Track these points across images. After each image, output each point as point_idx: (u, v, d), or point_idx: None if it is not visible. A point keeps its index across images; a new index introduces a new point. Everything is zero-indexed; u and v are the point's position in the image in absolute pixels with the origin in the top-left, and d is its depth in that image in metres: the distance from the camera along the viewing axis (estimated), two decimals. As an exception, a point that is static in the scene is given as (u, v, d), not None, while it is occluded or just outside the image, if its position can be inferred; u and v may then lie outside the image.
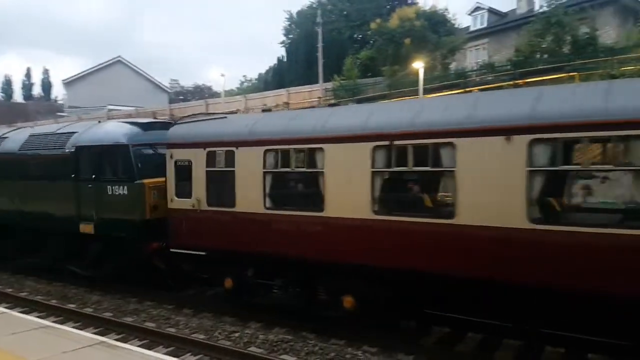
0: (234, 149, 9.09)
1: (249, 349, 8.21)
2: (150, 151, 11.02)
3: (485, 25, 38.23)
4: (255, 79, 60.02)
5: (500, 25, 37.22)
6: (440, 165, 7.20)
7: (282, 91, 36.19)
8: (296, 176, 9.15)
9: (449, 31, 35.33)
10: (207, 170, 9.47)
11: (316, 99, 30.36)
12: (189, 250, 9.82)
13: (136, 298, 11.28)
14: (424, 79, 25.65)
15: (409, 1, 43.46)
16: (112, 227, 10.99)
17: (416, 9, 36.78)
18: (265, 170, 8.70)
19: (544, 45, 27.22)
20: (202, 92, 63.56)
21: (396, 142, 7.40)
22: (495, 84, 24.11)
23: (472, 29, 38.73)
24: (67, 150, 11.94)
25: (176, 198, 9.94)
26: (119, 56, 56.95)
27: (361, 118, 8.00)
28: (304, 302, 9.27)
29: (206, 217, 9.51)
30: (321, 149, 8.13)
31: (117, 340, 8.19)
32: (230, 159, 9.17)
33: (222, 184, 9.33)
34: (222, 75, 40.24)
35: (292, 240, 8.49)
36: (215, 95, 53.80)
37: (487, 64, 30.26)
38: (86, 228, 11.47)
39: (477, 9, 39.13)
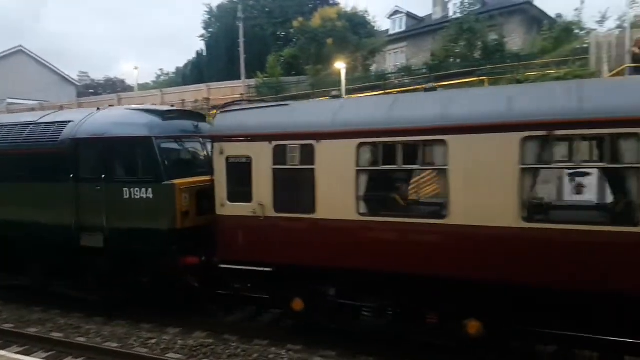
0: (313, 142, 7.52)
1: (166, 355, 7.92)
2: (176, 145, 9.39)
3: (404, 29, 39.66)
4: (173, 73, 58.00)
5: (417, 29, 38.67)
6: (623, 160, 5.93)
7: (202, 86, 35.35)
8: (404, 175, 7.73)
9: (370, 33, 36.34)
10: (274, 169, 7.84)
11: (239, 95, 29.90)
12: (247, 266, 8.10)
13: (40, 307, 10.46)
14: (346, 80, 26.13)
15: (331, 1, 44.13)
16: (130, 239, 8.98)
17: (338, 9, 37.46)
18: (359, 168, 7.21)
19: (457, 50, 28.76)
20: (114, 86, 60.34)
21: (558, 132, 6.07)
22: (413, 87, 25.09)
23: (391, 32, 40.04)
24: (61, 144, 9.68)
25: (229, 203, 8.22)
26: (20, 45, 52.40)
27: (499, 102, 6.60)
28: (401, 325, 7.59)
29: (273, 225, 7.88)
30: (442, 141, 6.69)
31: (18, 353, 7.74)
32: (307, 154, 7.57)
33: (295, 186, 7.84)
34: (136, 68, 38.12)
35: (397, 253, 7.08)
36: (129, 89, 51.42)
37: (405, 67, 31.46)
38: (90, 240, 9.30)
39: (396, 12, 40.50)
